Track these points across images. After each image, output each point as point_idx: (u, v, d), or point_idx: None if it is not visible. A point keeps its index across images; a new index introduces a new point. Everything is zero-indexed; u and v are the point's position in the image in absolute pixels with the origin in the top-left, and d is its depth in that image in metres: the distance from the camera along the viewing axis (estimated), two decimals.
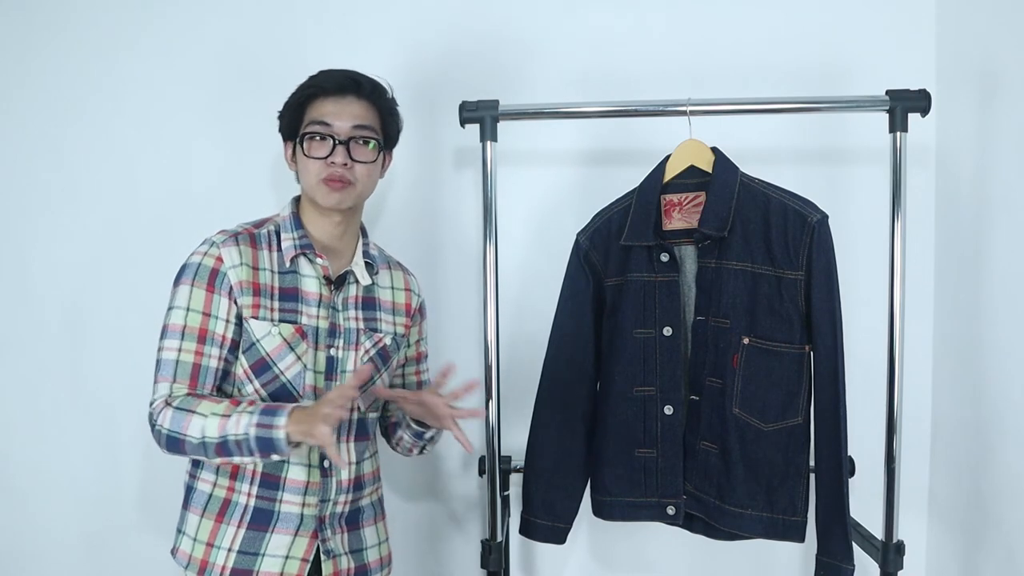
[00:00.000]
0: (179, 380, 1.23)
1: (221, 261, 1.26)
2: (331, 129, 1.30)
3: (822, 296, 1.37)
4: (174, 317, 1.25)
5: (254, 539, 1.26)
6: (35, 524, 1.86)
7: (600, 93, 1.74)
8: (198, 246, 1.30)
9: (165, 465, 1.80)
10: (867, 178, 1.71)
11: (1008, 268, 1.48)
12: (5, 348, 1.84)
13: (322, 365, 1.31)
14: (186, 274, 1.27)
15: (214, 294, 1.26)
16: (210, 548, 1.26)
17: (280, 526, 1.27)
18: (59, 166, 1.82)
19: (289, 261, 1.31)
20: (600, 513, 1.53)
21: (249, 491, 1.28)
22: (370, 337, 1.37)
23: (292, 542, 1.28)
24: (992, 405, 1.53)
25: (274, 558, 1.27)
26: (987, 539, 1.55)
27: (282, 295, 1.29)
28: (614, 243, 1.50)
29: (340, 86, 1.32)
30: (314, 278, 1.32)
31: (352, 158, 1.30)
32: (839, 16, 1.73)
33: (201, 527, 1.28)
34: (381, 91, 1.36)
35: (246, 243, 1.29)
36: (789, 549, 1.76)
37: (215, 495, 1.28)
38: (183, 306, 1.25)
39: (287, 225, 1.34)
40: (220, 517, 1.27)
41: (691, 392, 1.48)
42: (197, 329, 1.25)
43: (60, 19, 1.81)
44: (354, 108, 1.32)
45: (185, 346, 1.24)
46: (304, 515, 1.29)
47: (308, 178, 1.31)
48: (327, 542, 1.31)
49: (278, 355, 1.28)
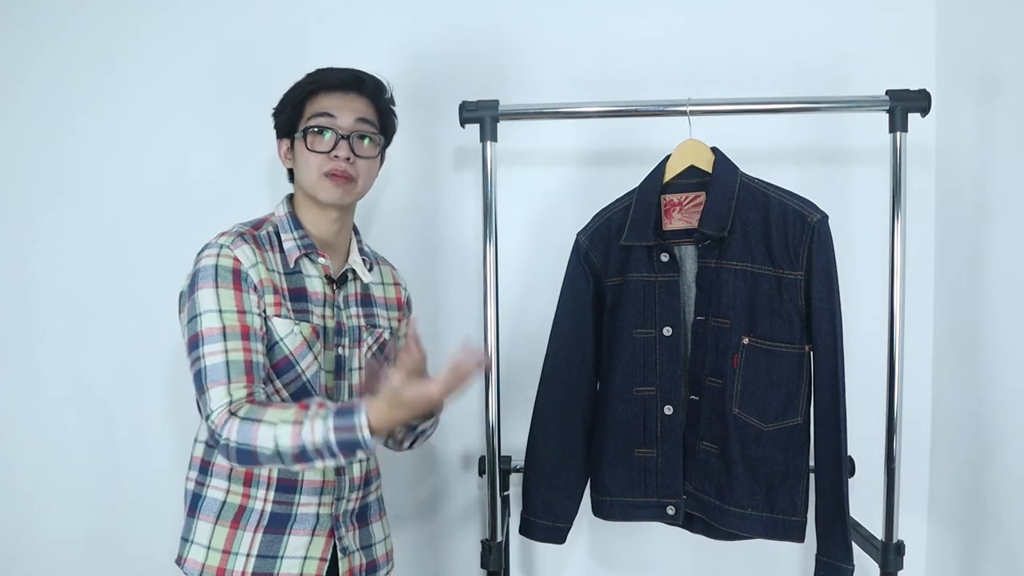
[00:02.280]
0: (234, 381, 1.17)
1: (239, 261, 1.23)
2: (335, 123, 1.29)
3: (822, 296, 1.37)
4: (208, 321, 1.19)
5: (272, 542, 1.25)
6: (35, 524, 1.86)
7: (600, 93, 1.74)
8: (206, 250, 1.25)
9: (165, 465, 1.81)
10: (867, 178, 1.71)
11: (1008, 268, 1.48)
12: (5, 348, 1.84)
13: (331, 364, 1.32)
14: (205, 277, 1.21)
15: (243, 292, 1.21)
16: (227, 555, 1.24)
17: (297, 527, 1.27)
18: (59, 166, 1.82)
19: (293, 262, 1.30)
20: (600, 513, 1.53)
21: (265, 496, 1.26)
22: (371, 333, 1.38)
23: (310, 542, 1.27)
24: (992, 405, 1.53)
25: (293, 559, 1.26)
26: (987, 539, 1.55)
27: (292, 295, 1.28)
28: (614, 243, 1.50)
29: (343, 82, 1.32)
30: (318, 277, 1.32)
31: (355, 153, 1.30)
32: (839, 16, 1.73)
33: (216, 535, 1.25)
34: (382, 89, 1.37)
35: (252, 243, 1.26)
36: (789, 549, 1.76)
37: (229, 502, 1.26)
38: (214, 308, 1.20)
39: (285, 225, 1.32)
40: (236, 523, 1.25)
41: (691, 392, 1.48)
42: (238, 327, 1.20)
43: (60, 19, 1.81)
44: (357, 104, 1.32)
45: (231, 346, 1.18)
46: (320, 515, 1.29)
47: (309, 173, 1.29)
48: (342, 539, 1.32)
49: (300, 354, 1.27)
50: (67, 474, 1.84)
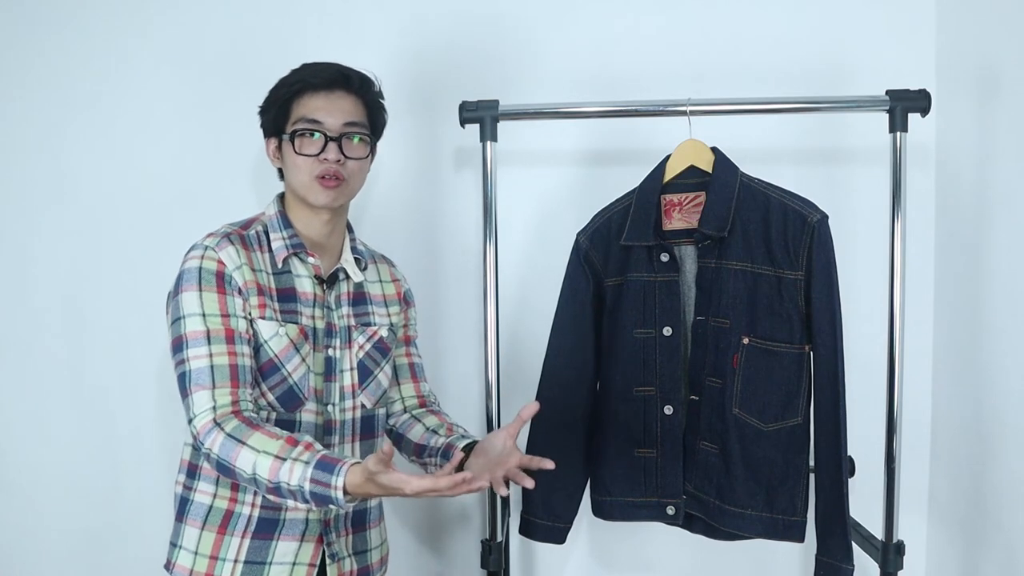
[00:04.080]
0: (219, 386, 1.16)
1: (223, 264, 1.21)
2: (322, 126, 1.26)
3: (822, 296, 1.37)
4: (191, 325, 1.18)
5: (260, 548, 1.23)
6: (35, 524, 1.86)
7: (600, 93, 1.74)
8: (190, 252, 1.23)
9: (165, 465, 1.81)
10: (867, 178, 1.71)
11: (1008, 268, 1.48)
12: (5, 348, 1.84)
13: (321, 366, 1.29)
14: (188, 280, 1.20)
15: (226, 295, 1.20)
16: (214, 561, 1.22)
17: (286, 533, 1.25)
18: (59, 166, 1.82)
19: (281, 262, 1.28)
20: (600, 513, 1.53)
21: (253, 501, 1.24)
22: (363, 332, 1.35)
23: (299, 548, 1.25)
24: (992, 405, 1.53)
25: (281, 565, 1.24)
26: (987, 539, 1.55)
27: (280, 296, 1.26)
28: (614, 243, 1.50)
29: (329, 81, 1.28)
30: (308, 277, 1.30)
31: (344, 154, 1.27)
32: (839, 16, 1.73)
33: (203, 540, 1.23)
34: (369, 84, 1.33)
35: (239, 244, 1.24)
36: (789, 549, 1.76)
37: (215, 507, 1.24)
38: (197, 312, 1.18)
39: (275, 224, 1.30)
40: (223, 529, 1.23)
41: (691, 392, 1.48)
42: (222, 331, 1.18)
43: (59, 19, 1.81)
44: (344, 103, 1.28)
45: (215, 350, 1.17)
46: (309, 519, 1.26)
47: (300, 176, 1.27)
48: (332, 545, 1.29)
49: (286, 356, 1.24)
50: (66, 474, 1.84)
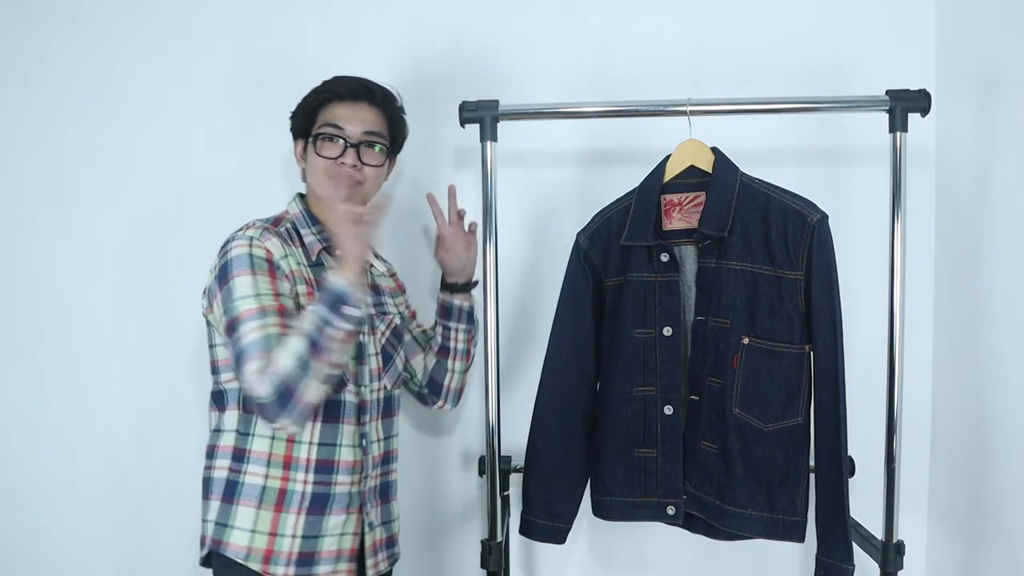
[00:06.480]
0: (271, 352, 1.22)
1: (271, 252, 1.29)
2: (343, 132, 1.38)
3: (822, 296, 1.37)
4: (245, 304, 1.23)
5: (315, 523, 1.32)
6: (34, 524, 1.86)
7: (600, 93, 1.74)
8: (234, 241, 1.29)
9: (164, 465, 1.81)
10: (867, 178, 1.71)
11: (1008, 268, 1.48)
12: (5, 348, 1.84)
13: (354, 350, 1.37)
14: (239, 266, 1.26)
15: (276, 280, 1.27)
16: (274, 537, 1.30)
17: (336, 507, 1.34)
18: (59, 166, 1.82)
19: (315, 255, 1.37)
20: (600, 513, 1.53)
21: (305, 478, 1.32)
22: (383, 320, 1.47)
23: (345, 520, 1.36)
24: (992, 405, 1.53)
25: (333, 537, 1.34)
26: (987, 539, 1.55)
27: (318, 287, 1.32)
28: (614, 243, 1.50)
29: (354, 92, 1.40)
30: None
31: (362, 161, 1.38)
32: (839, 16, 1.73)
33: (260, 518, 1.30)
34: (391, 98, 1.45)
35: (276, 237, 1.32)
36: (789, 549, 1.76)
37: (269, 486, 1.31)
38: (250, 294, 1.24)
39: (303, 221, 1.40)
40: (279, 507, 1.30)
41: (691, 392, 1.48)
42: (275, 307, 1.24)
43: (60, 19, 1.81)
44: (365, 114, 1.40)
45: (269, 321, 1.22)
46: (351, 493, 1.37)
47: (317, 175, 1.38)
48: (368, 515, 1.40)
49: None
50: (66, 474, 1.84)
